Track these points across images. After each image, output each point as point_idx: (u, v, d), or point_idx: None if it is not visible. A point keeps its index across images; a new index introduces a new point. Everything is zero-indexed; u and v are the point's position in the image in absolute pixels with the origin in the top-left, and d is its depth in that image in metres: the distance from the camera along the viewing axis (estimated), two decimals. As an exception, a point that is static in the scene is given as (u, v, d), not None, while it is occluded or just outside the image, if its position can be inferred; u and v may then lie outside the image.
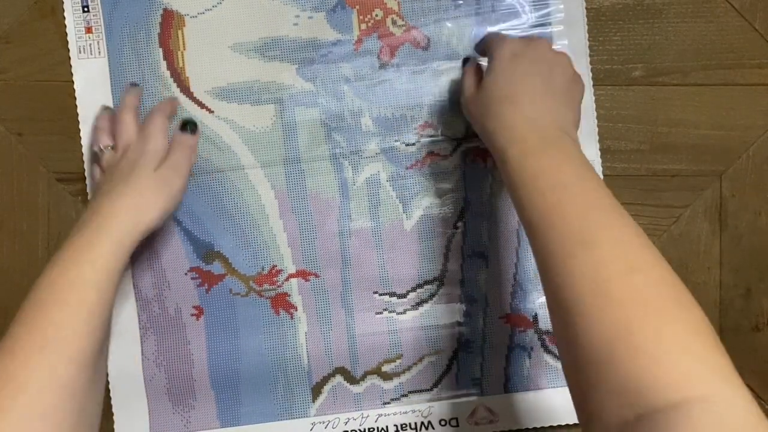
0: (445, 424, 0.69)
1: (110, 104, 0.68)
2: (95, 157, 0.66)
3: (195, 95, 0.68)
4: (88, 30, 0.69)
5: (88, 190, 0.68)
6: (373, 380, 0.69)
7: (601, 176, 0.69)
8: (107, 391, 0.67)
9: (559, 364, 0.69)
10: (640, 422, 0.38)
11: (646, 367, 0.39)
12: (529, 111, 0.54)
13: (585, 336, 0.43)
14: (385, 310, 0.69)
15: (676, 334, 0.40)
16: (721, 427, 0.37)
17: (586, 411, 0.43)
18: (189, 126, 0.67)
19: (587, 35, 0.69)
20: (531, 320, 0.69)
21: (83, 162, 0.68)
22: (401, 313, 0.69)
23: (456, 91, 0.68)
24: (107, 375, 0.65)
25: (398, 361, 0.69)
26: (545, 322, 0.69)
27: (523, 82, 0.56)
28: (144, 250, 0.68)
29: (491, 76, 0.58)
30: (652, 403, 0.38)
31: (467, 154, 0.69)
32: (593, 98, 0.70)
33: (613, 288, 0.43)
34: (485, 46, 0.64)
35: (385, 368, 0.69)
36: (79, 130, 0.68)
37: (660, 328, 0.41)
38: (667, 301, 0.42)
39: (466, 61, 0.67)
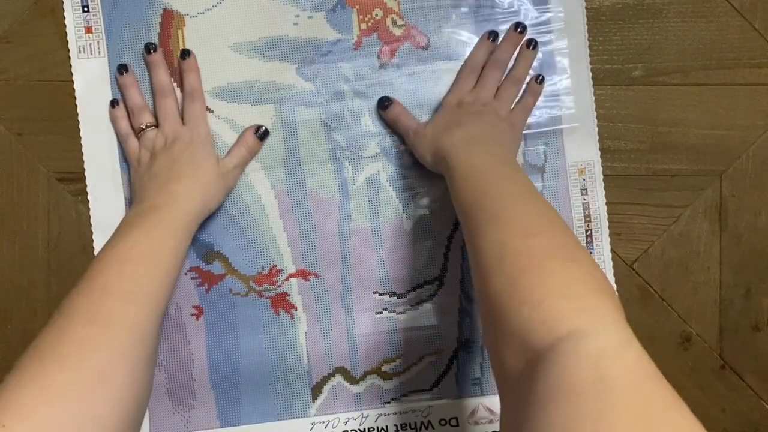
0: (444, 424, 0.69)
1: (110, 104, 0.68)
2: (128, 138, 0.67)
3: (195, 95, 0.68)
4: (88, 30, 0.69)
5: (87, 190, 0.68)
6: (373, 380, 0.69)
7: (601, 176, 0.69)
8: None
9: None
10: (528, 367, 0.40)
11: (527, 315, 0.42)
12: (470, 130, 0.62)
13: (486, 293, 0.47)
14: (385, 309, 0.69)
15: (558, 283, 0.43)
16: (588, 357, 0.37)
17: (494, 361, 0.47)
18: (262, 132, 0.68)
19: (587, 35, 0.69)
20: (531, 320, 0.69)
21: (83, 162, 0.68)
22: (401, 313, 0.69)
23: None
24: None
25: (398, 361, 0.69)
26: (545, 321, 0.69)
27: (465, 117, 0.64)
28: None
29: (437, 117, 0.67)
30: (534, 347, 0.40)
31: (467, 154, 0.69)
32: (593, 98, 0.70)
33: (509, 250, 0.47)
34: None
35: (385, 368, 0.69)
36: (79, 130, 0.68)
37: (542, 279, 0.44)
38: (555, 256, 0.46)
39: (382, 101, 0.69)
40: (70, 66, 0.68)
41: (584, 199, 0.70)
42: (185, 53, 0.67)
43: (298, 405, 0.69)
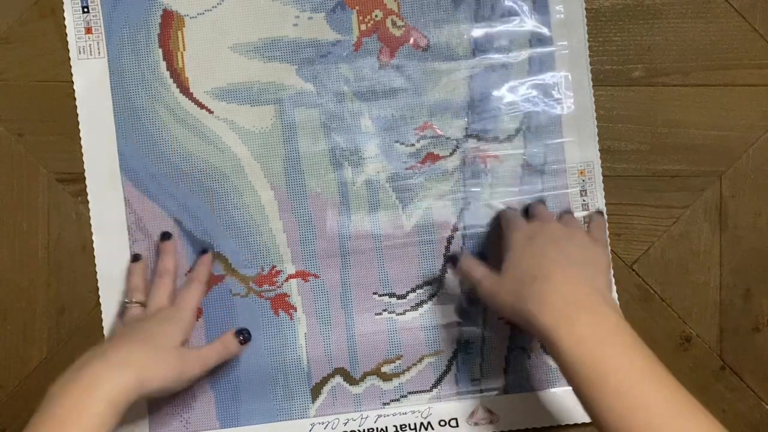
0: (444, 425, 0.69)
1: (109, 105, 0.68)
2: (121, 308, 0.67)
3: (194, 96, 0.69)
4: (88, 30, 0.69)
5: (87, 190, 0.68)
6: (373, 381, 0.69)
7: (601, 177, 0.69)
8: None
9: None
10: None
11: None
12: (562, 284, 0.54)
13: None
14: (384, 310, 0.69)
15: None
16: None
17: None
18: (243, 335, 0.67)
19: (587, 36, 0.69)
20: (530, 321, 0.69)
21: (83, 162, 0.68)
22: (401, 314, 0.69)
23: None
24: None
25: (398, 362, 0.69)
26: (545, 322, 0.69)
27: (546, 259, 0.56)
28: (144, 250, 0.68)
29: (512, 260, 0.58)
30: None
31: (467, 155, 0.69)
32: (593, 99, 0.69)
33: None
34: (501, 227, 0.66)
35: (385, 369, 0.69)
36: (79, 130, 0.68)
37: None
38: None
39: (451, 258, 0.68)
40: (70, 66, 0.68)
41: (584, 200, 0.70)
42: (205, 250, 0.68)
43: (297, 406, 0.69)
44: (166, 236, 0.68)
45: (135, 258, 0.68)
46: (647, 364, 0.50)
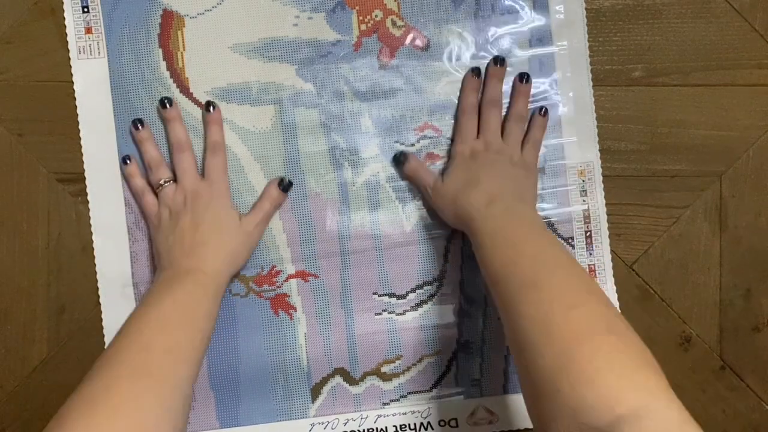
0: (444, 425, 0.69)
1: (109, 105, 0.68)
2: (144, 195, 0.66)
3: (194, 96, 0.69)
4: (88, 30, 0.69)
5: (87, 190, 0.68)
6: (373, 381, 0.69)
7: (601, 177, 0.69)
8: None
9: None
10: None
11: (581, 393, 0.44)
12: (489, 187, 0.62)
13: (533, 368, 0.48)
14: (384, 310, 0.69)
15: (606, 359, 0.45)
16: None
17: None
18: (286, 184, 0.68)
19: (587, 35, 0.69)
20: (530, 321, 0.69)
21: (83, 162, 0.68)
22: (401, 314, 0.69)
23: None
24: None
25: (398, 362, 0.69)
26: (544, 322, 0.69)
27: (481, 173, 0.64)
28: (144, 250, 0.68)
29: (455, 173, 0.66)
30: (592, 425, 0.42)
31: (467, 155, 0.69)
32: (593, 99, 0.69)
33: (554, 324, 0.49)
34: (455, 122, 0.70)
35: (385, 369, 0.69)
36: (79, 130, 0.68)
37: (592, 355, 0.45)
38: (599, 330, 0.48)
39: (398, 157, 0.69)
40: (70, 67, 0.68)
41: (583, 201, 0.69)
42: (210, 105, 0.67)
43: (297, 406, 0.69)
44: (167, 102, 0.67)
45: (137, 124, 0.67)
46: (551, 238, 0.60)
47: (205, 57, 0.68)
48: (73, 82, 0.68)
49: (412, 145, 0.69)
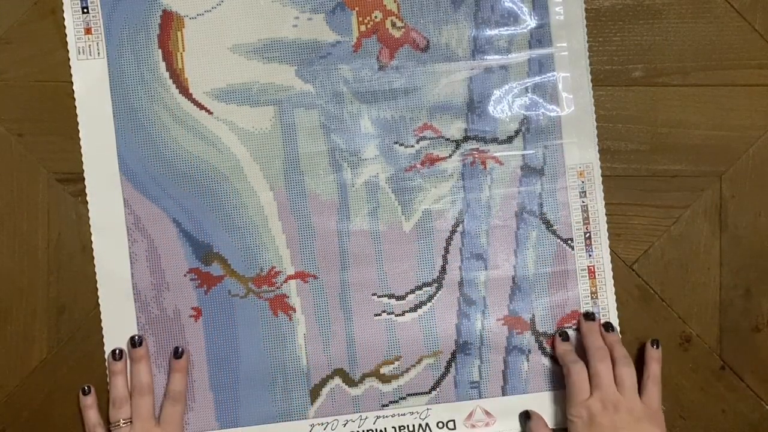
0: (442, 427, 0.69)
1: (109, 105, 0.68)
2: (93, 428, 0.67)
3: (194, 96, 0.69)
4: (88, 31, 0.69)
5: (87, 190, 0.68)
6: (372, 383, 0.69)
7: (600, 178, 0.69)
8: (106, 391, 0.68)
9: (556, 367, 0.69)
10: None
11: None
12: None
13: None
14: (383, 312, 0.69)
15: None
16: None
17: None
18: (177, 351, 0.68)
19: (587, 35, 0.69)
20: (528, 322, 0.70)
21: (83, 162, 0.68)
22: (400, 315, 0.69)
23: None
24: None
25: (396, 363, 0.69)
26: (542, 324, 0.69)
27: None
28: (144, 250, 0.68)
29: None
30: None
31: (466, 156, 0.69)
32: (593, 99, 0.69)
33: None
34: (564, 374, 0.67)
35: (384, 370, 0.69)
36: (79, 130, 0.68)
37: None
38: None
39: (525, 414, 0.68)
40: (70, 67, 0.68)
41: (583, 202, 0.69)
42: (178, 353, 0.68)
43: (296, 407, 0.69)
44: (137, 341, 0.68)
45: (116, 354, 0.67)
46: None
47: (205, 58, 0.68)
48: (72, 83, 0.68)
49: (412, 146, 0.69)
